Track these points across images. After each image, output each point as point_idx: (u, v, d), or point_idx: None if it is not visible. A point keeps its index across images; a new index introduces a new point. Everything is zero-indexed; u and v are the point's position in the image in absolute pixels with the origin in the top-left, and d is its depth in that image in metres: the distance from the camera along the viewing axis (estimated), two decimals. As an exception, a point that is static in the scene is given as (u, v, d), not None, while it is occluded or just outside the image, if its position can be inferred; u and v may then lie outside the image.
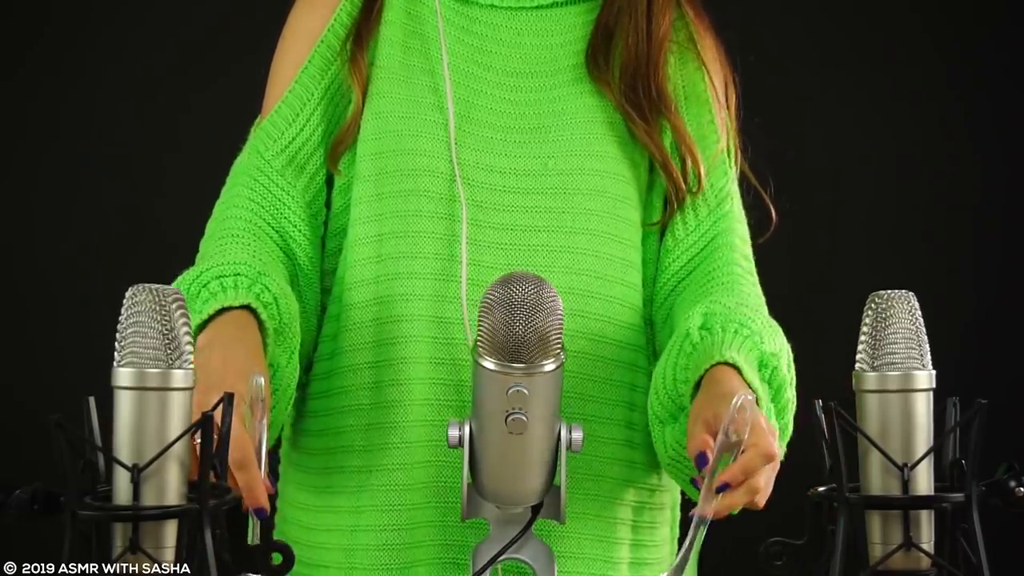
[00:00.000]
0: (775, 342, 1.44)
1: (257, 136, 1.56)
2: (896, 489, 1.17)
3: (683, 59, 1.59)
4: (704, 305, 1.46)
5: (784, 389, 1.42)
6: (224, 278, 1.40)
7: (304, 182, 1.55)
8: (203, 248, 1.53)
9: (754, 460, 1.25)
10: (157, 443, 1.09)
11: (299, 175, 1.54)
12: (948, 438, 1.22)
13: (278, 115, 1.55)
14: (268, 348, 1.39)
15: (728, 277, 1.53)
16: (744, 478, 1.25)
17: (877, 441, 1.18)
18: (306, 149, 1.55)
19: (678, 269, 1.55)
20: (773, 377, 1.41)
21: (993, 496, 1.18)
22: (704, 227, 1.56)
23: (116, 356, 1.11)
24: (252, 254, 1.47)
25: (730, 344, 1.39)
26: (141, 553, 1.08)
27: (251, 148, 1.56)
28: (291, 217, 1.53)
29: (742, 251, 1.57)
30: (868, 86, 2.65)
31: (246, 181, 1.54)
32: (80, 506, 1.08)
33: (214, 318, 1.37)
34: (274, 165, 1.54)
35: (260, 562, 1.14)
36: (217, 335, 1.35)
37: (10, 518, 1.09)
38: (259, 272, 1.42)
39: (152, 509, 1.09)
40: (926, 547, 1.18)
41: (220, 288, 1.39)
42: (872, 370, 1.20)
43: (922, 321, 1.21)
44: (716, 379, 1.36)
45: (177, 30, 2.57)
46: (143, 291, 1.12)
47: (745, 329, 1.41)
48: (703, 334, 1.41)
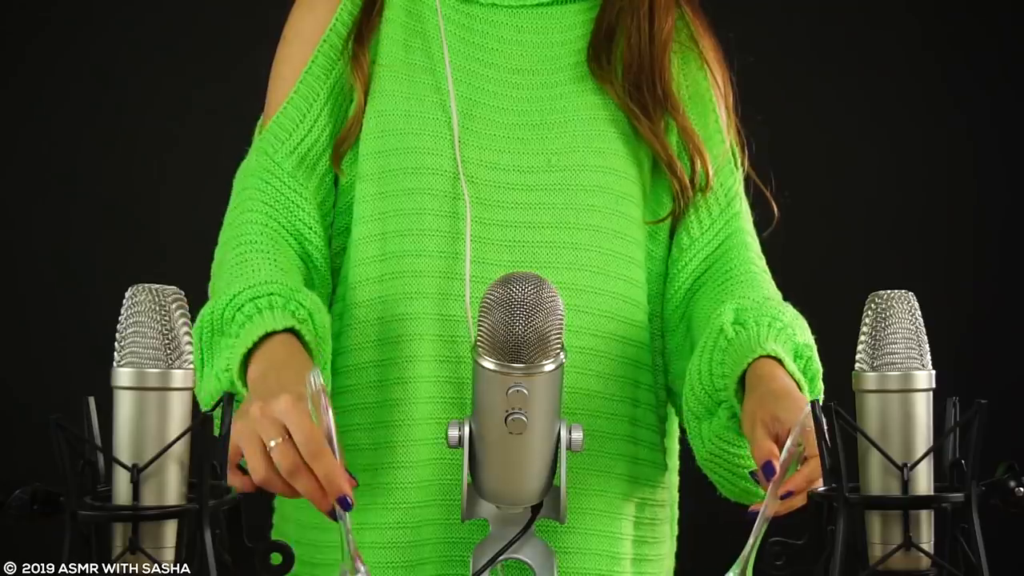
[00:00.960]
0: (806, 333, 1.46)
1: (264, 138, 1.55)
2: (896, 489, 1.17)
3: (685, 59, 1.60)
4: (734, 301, 1.48)
5: (817, 379, 1.44)
6: (259, 299, 1.40)
7: (315, 183, 1.54)
8: (219, 256, 1.52)
9: (816, 470, 1.26)
10: (157, 443, 1.09)
11: (310, 176, 1.54)
12: (948, 438, 1.22)
13: (285, 116, 1.55)
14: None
15: (747, 275, 1.54)
16: (807, 486, 1.27)
17: (877, 441, 1.18)
18: (315, 150, 1.55)
19: (695, 268, 1.57)
20: (808, 368, 1.43)
21: (993, 496, 1.18)
22: (718, 226, 1.57)
23: (116, 356, 1.11)
24: (279, 267, 1.46)
25: (767, 337, 1.41)
26: (141, 553, 1.08)
27: (259, 150, 1.55)
28: (305, 219, 1.52)
29: (755, 249, 1.59)
30: (867, 86, 2.65)
31: (257, 184, 1.54)
32: (80, 506, 1.08)
33: (259, 345, 1.37)
34: (284, 167, 1.54)
35: (260, 562, 1.14)
36: (270, 363, 1.35)
37: (10, 518, 1.09)
38: (292, 289, 1.41)
39: (152, 509, 1.09)
40: (926, 547, 1.18)
41: (256, 310, 1.39)
42: (872, 370, 1.20)
43: (922, 321, 1.21)
44: (761, 375, 1.39)
45: (178, 30, 2.57)
46: (143, 291, 1.12)
47: (778, 322, 1.43)
48: (737, 329, 1.43)
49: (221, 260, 1.51)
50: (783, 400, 1.34)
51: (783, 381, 1.38)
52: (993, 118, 2.64)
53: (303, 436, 1.24)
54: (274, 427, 1.26)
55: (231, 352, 1.38)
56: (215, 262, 1.52)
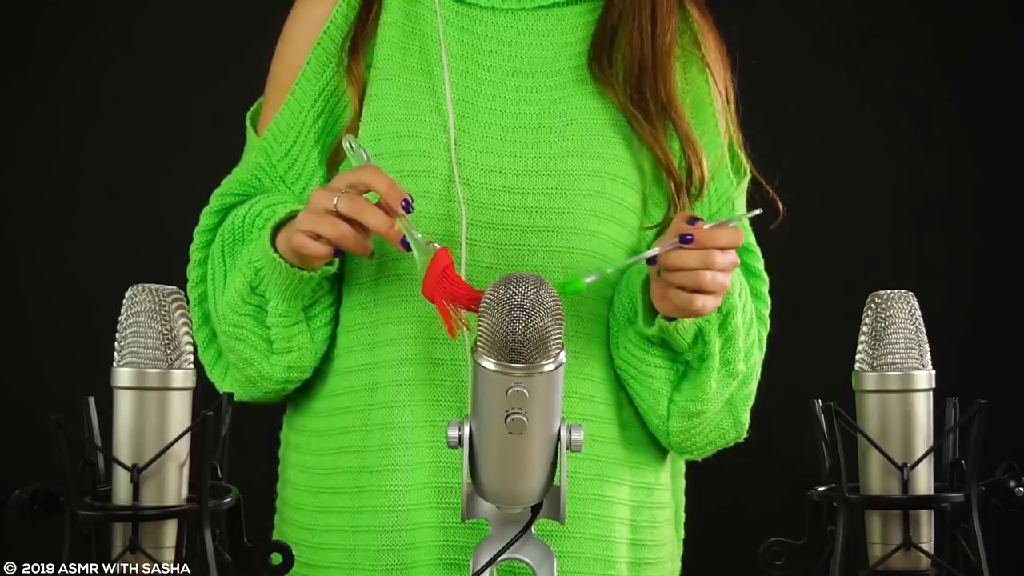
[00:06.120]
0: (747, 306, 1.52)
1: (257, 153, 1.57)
2: (896, 489, 1.17)
3: (687, 62, 1.58)
4: None
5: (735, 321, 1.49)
6: (275, 205, 1.50)
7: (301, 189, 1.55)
8: (204, 221, 1.56)
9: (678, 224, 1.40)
10: (157, 443, 1.09)
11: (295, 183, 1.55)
12: (948, 438, 1.22)
13: (276, 127, 1.56)
14: None
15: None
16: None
17: (877, 441, 1.18)
18: (308, 168, 1.56)
19: None
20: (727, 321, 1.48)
21: (993, 496, 1.18)
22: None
23: (116, 356, 1.11)
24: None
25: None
26: (141, 553, 1.08)
27: (251, 163, 1.57)
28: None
29: (748, 254, 1.57)
30: (867, 86, 2.64)
31: (245, 177, 1.57)
32: (80, 506, 1.08)
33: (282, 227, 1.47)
34: (278, 170, 1.56)
35: (260, 562, 1.14)
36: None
37: (10, 518, 1.09)
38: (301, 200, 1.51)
39: (152, 509, 1.09)
40: (926, 547, 1.18)
41: (273, 213, 1.48)
42: (872, 370, 1.20)
43: (922, 321, 1.21)
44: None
45: (179, 30, 2.57)
46: (143, 291, 1.12)
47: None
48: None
49: (204, 227, 1.56)
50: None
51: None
52: (993, 119, 2.64)
53: (352, 174, 1.40)
54: (325, 196, 1.39)
55: (255, 245, 1.47)
56: (198, 228, 1.57)
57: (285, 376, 1.52)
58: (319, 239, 1.40)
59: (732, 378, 1.50)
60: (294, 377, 1.52)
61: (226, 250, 1.52)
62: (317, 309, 1.52)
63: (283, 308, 1.48)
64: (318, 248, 1.40)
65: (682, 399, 1.50)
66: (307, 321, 1.51)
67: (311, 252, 1.40)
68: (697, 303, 1.39)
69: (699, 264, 1.37)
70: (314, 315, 1.52)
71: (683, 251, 1.38)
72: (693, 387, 1.50)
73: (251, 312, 1.49)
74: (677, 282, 1.39)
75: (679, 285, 1.39)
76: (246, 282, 1.48)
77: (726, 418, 1.53)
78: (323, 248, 1.40)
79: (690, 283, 1.38)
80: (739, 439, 1.55)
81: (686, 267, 1.38)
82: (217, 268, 1.52)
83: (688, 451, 1.55)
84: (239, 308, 1.49)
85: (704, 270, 1.37)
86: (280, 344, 1.50)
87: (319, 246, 1.40)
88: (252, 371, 1.51)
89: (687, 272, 1.38)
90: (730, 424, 1.54)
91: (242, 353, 1.51)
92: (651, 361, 1.50)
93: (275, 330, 1.49)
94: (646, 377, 1.51)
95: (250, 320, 1.49)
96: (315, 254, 1.41)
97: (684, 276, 1.38)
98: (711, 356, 1.47)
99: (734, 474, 1.59)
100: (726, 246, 1.38)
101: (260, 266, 1.47)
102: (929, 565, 1.17)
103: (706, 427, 1.52)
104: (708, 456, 1.57)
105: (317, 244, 1.40)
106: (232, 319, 1.49)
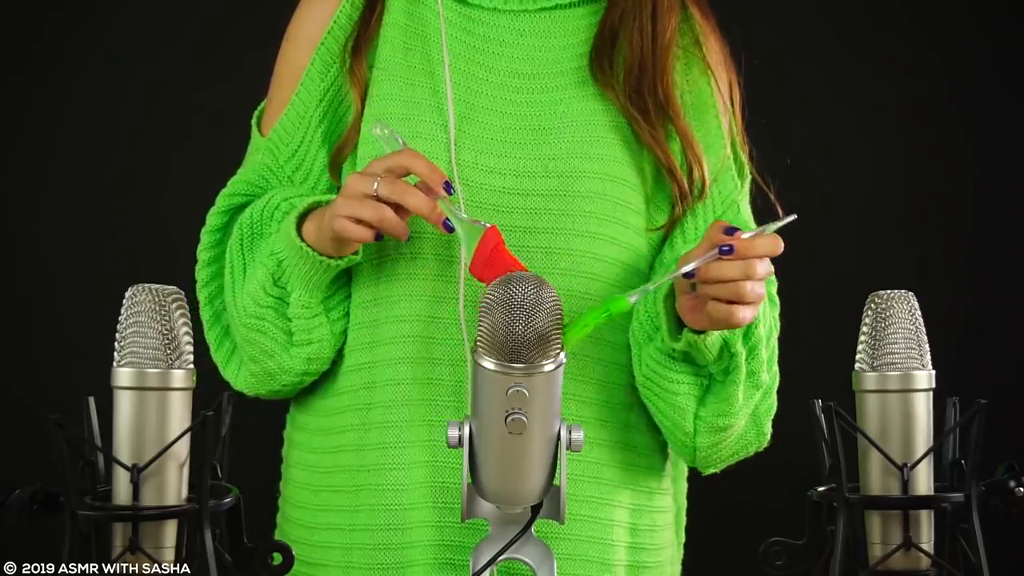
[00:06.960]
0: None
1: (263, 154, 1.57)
2: (896, 489, 1.17)
3: (688, 64, 1.58)
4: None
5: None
6: (292, 199, 1.51)
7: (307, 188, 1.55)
8: (210, 222, 1.56)
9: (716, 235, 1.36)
10: (157, 443, 1.09)
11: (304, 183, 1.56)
12: (948, 438, 1.22)
13: (281, 128, 1.56)
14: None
15: None
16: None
17: (877, 441, 1.18)
18: (315, 170, 1.56)
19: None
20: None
21: (993, 496, 1.18)
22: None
23: (116, 356, 1.11)
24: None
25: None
26: (141, 553, 1.08)
27: (256, 163, 1.57)
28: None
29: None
30: (867, 86, 2.64)
31: (251, 177, 1.57)
32: (80, 506, 1.08)
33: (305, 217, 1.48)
34: (285, 170, 1.56)
35: (260, 562, 1.14)
36: (319, 213, 1.46)
37: (10, 518, 1.09)
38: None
39: (152, 509, 1.09)
40: (926, 547, 1.18)
41: (292, 207, 1.49)
42: (872, 370, 1.20)
43: (922, 321, 1.21)
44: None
45: (181, 30, 2.56)
46: (143, 291, 1.12)
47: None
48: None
49: (210, 227, 1.56)
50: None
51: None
52: (993, 119, 2.64)
53: (389, 158, 1.40)
54: (363, 181, 1.40)
55: (276, 236, 1.48)
56: (205, 228, 1.56)
57: (304, 368, 1.52)
58: (360, 223, 1.40)
59: (757, 389, 1.48)
60: (313, 369, 1.52)
61: (244, 244, 1.52)
62: (334, 301, 1.52)
63: (305, 299, 1.48)
64: (361, 232, 1.41)
65: (709, 414, 1.48)
66: (326, 313, 1.51)
67: (354, 236, 1.41)
68: (738, 315, 1.35)
69: (740, 275, 1.34)
70: (331, 307, 1.52)
71: (723, 263, 1.34)
72: (719, 401, 1.48)
73: (272, 304, 1.49)
74: (715, 294, 1.35)
75: (716, 297, 1.36)
76: (268, 274, 1.48)
77: (750, 429, 1.52)
78: (366, 232, 1.40)
79: (729, 295, 1.35)
80: (760, 449, 1.54)
81: (726, 279, 1.34)
82: (236, 263, 1.52)
83: (711, 465, 1.53)
84: (261, 300, 1.49)
85: (744, 280, 1.34)
86: (300, 336, 1.50)
87: (362, 230, 1.40)
88: (272, 363, 1.51)
89: (726, 283, 1.35)
90: (753, 435, 1.52)
91: (262, 345, 1.51)
92: (674, 378, 1.48)
93: (296, 322, 1.49)
94: (670, 394, 1.49)
95: (271, 312, 1.50)
96: (358, 238, 1.41)
97: (723, 288, 1.35)
98: (737, 368, 1.45)
99: (734, 474, 1.59)
100: (766, 255, 1.35)
101: (283, 257, 1.47)
102: (929, 565, 1.17)
103: (732, 440, 1.51)
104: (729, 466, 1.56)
105: (360, 228, 1.40)
106: (254, 311, 1.50)
